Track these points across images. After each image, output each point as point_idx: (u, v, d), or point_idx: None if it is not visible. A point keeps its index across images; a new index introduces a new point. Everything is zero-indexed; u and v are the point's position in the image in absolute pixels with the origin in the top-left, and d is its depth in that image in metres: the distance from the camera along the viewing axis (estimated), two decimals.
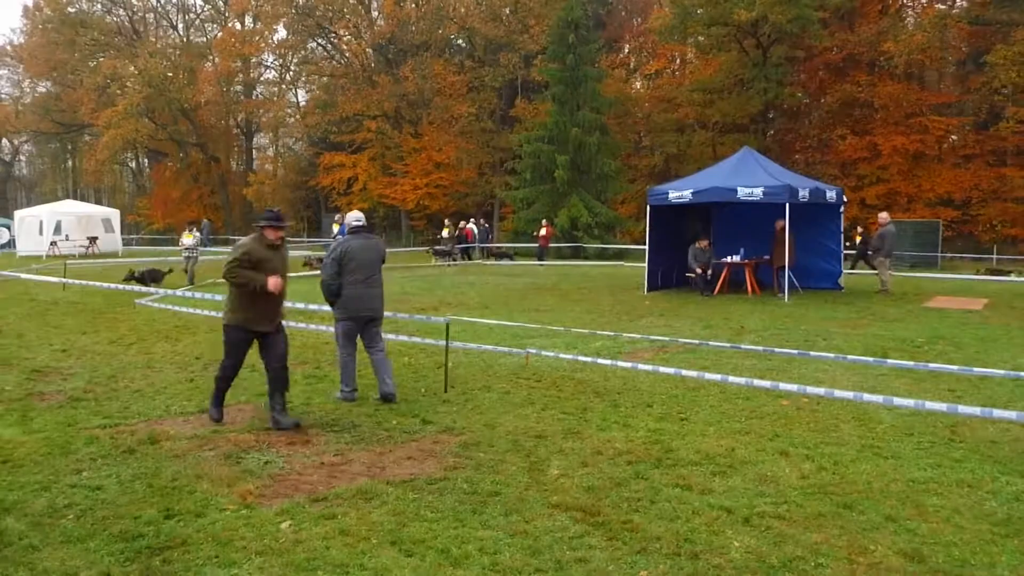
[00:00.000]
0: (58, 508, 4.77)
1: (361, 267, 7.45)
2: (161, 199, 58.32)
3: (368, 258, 7.52)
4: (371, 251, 7.58)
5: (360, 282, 7.45)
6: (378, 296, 7.64)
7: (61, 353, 10.24)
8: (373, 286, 7.56)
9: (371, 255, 7.56)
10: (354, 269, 7.43)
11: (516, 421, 6.79)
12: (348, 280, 7.44)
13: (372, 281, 7.55)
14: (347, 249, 7.46)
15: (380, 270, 7.66)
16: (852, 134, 34.88)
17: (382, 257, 7.73)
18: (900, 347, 10.51)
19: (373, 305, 7.59)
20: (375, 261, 7.59)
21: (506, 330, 11.86)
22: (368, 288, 7.52)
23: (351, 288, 7.44)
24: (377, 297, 7.63)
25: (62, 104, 57.96)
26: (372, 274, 7.54)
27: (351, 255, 7.43)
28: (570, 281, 21.51)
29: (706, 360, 9.57)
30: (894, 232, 17.53)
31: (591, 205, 34.17)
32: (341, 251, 7.46)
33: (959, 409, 6.05)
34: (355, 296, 7.47)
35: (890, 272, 17.71)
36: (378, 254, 7.66)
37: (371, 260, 7.55)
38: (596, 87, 35.66)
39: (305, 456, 5.85)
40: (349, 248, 7.46)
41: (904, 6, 37.78)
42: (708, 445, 6.07)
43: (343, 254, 7.43)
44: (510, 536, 4.38)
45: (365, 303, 7.52)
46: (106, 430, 6.49)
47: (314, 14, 47.49)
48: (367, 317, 7.59)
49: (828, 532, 4.47)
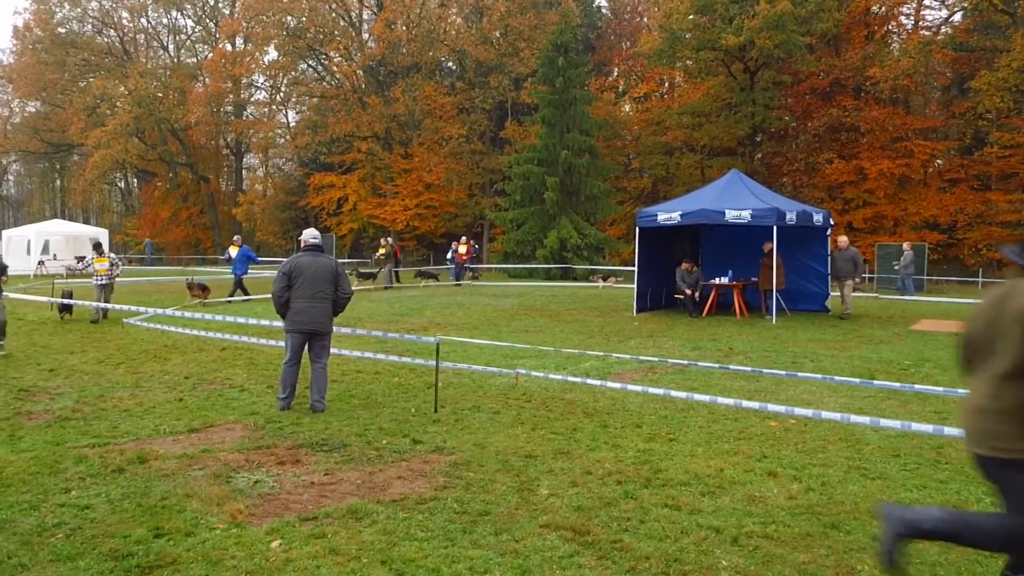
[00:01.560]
0: (47, 527, 4.76)
1: (308, 283, 7.80)
2: (150, 219, 58.22)
3: (315, 274, 7.84)
4: (320, 268, 7.87)
5: (306, 297, 7.82)
6: (323, 311, 7.91)
7: (49, 372, 10.19)
8: (318, 301, 7.86)
9: (319, 272, 7.85)
10: (301, 284, 7.81)
11: (506, 441, 6.81)
12: (295, 295, 7.84)
13: (318, 296, 7.85)
14: (296, 265, 7.88)
15: (329, 287, 7.89)
16: (839, 158, 35.23)
17: (332, 274, 7.93)
18: (887, 369, 10.59)
19: (317, 319, 7.89)
20: (323, 278, 7.86)
21: (496, 350, 11.88)
22: (313, 303, 7.84)
23: (297, 303, 7.82)
24: (322, 312, 7.90)
25: (51, 124, 57.94)
26: (318, 290, 7.84)
27: (299, 271, 7.83)
28: (559, 302, 21.56)
29: (695, 381, 9.62)
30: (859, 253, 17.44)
31: (580, 227, 34.31)
32: (291, 266, 7.88)
33: (945, 431, 6.10)
34: (300, 310, 7.84)
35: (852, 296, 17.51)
36: (327, 271, 7.91)
37: (318, 276, 7.84)
38: (585, 110, 35.92)
39: (295, 475, 5.85)
40: (298, 264, 7.88)
41: (889, 32, 38.31)
42: (697, 465, 6.11)
43: (292, 269, 7.87)
44: (500, 555, 4.40)
45: (309, 317, 7.85)
46: (95, 449, 6.47)
47: (305, 36, 47.73)
48: (310, 331, 7.91)
49: (816, 552, 4.50)
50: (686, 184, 36.72)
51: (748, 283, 18.00)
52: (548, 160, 35.14)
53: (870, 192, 34.07)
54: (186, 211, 57.75)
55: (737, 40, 32.10)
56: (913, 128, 34.81)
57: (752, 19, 31.27)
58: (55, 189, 74.34)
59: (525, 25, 42.52)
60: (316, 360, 8.02)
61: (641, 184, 43.80)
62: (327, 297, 7.90)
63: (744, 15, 31.90)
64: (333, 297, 7.94)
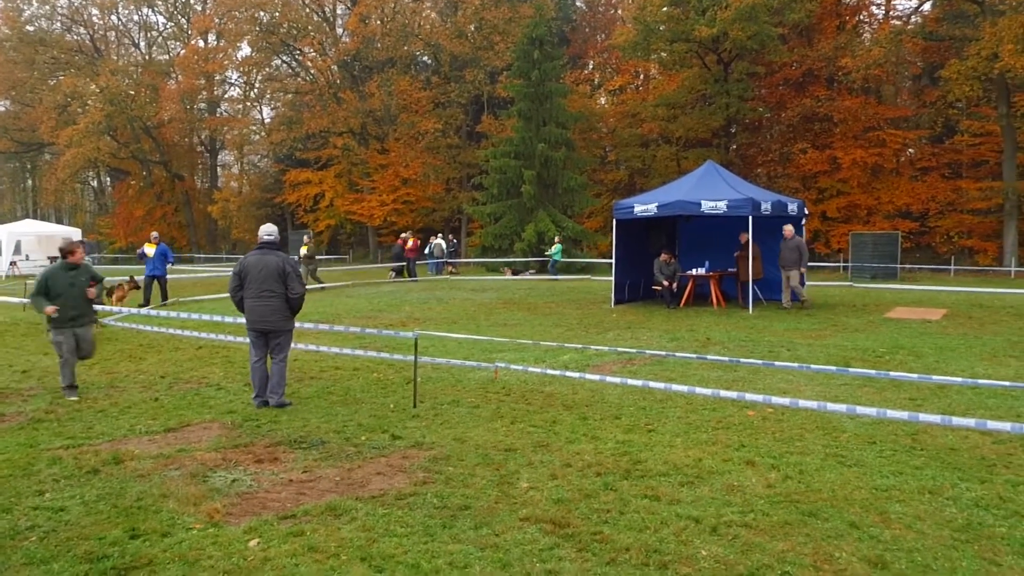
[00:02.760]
0: (20, 530, 4.70)
1: (254, 281, 7.89)
2: (124, 218, 57.50)
3: (261, 273, 7.87)
4: (266, 266, 7.89)
5: (253, 296, 7.92)
6: (272, 309, 7.92)
7: (21, 374, 10.07)
8: (265, 300, 7.89)
9: (265, 271, 7.87)
10: (249, 283, 7.90)
11: (485, 435, 6.80)
12: (246, 294, 7.96)
13: (264, 295, 7.89)
14: (244, 264, 8.01)
15: (277, 285, 7.88)
16: (812, 148, 35.48)
17: (279, 273, 7.89)
18: (862, 357, 10.69)
19: (266, 318, 7.93)
20: (268, 276, 7.87)
21: (474, 344, 11.88)
22: (259, 302, 7.90)
23: (248, 301, 7.96)
24: (272, 310, 7.91)
25: (21, 123, 57.00)
26: (264, 289, 7.87)
27: (247, 270, 7.94)
28: (537, 295, 21.57)
29: (673, 372, 9.66)
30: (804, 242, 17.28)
31: (558, 219, 34.32)
32: (240, 265, 8.03)
33: (920, 417, 6.18)
34: (250, 308, 7.96)
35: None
36: (273, 269, 7.89)
37: (263, 275, 7.86)
38: (561, 103, 35.89)
39: (273, 473, 5.81)
40: (246, 263, 8.00)
41: (861, 22, 38.61)
42: (676, 456, 6.13)
43: (241, 268, 8.02)
44: (480, 550, 4.39)
45: (257, 315, 7.94)
46: (69, 451, 6.39)
47: (278, 31, 47.31)
48: (261, 329, 7.97)
49: (794, 540, 4.53)
50: (662, 176, 36.81)
51: (725, 273, 18.10)
52: (525, 153, 35.10)
53: (844, 181, 34.34)
54: (160, 209, 57.11)
55: (710, 31, 32.21)
56: (885, 117, 35.11)
57: (725, 10, 31.37)
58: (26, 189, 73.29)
59: (499, 18, 42.39)
60: (273, 356, 8.06)
61: (618, 176, 43.87)
62: (275, 295, 7.88)
63: (717, 6, 31.99)
64: (285, 295, 7.92)
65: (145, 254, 19.45)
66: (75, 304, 8.56)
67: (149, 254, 19.34)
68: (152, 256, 19.24)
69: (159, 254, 19.30)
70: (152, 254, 19.27)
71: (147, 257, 19.36)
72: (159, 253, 19.31)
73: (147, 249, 19.47)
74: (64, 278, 8.55)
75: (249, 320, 8.00)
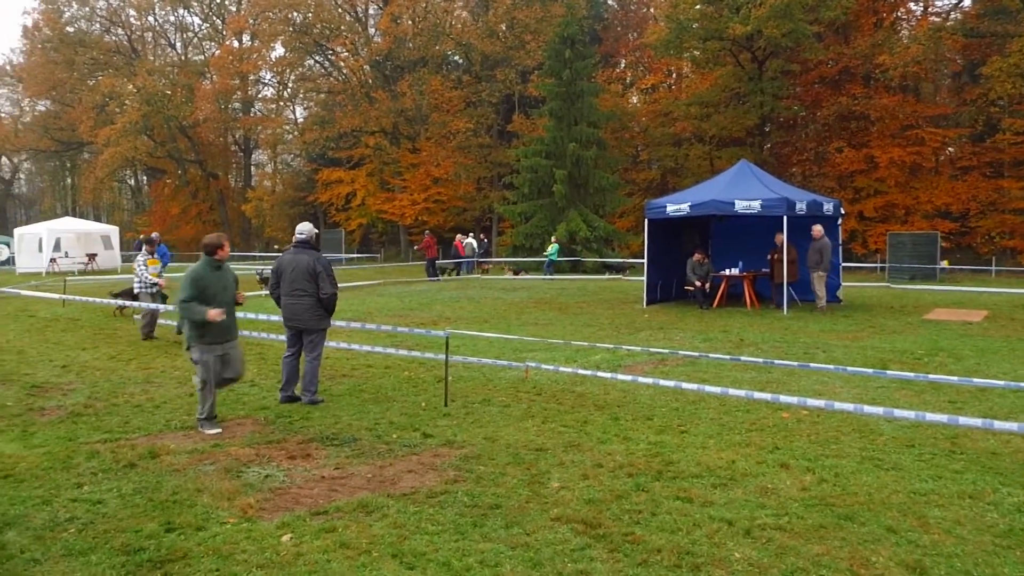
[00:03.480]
0: (60, 522, 4.77)
1: (287, 280, 8.02)
2: (160, 216, 58.41)
3: (294, 272, 7.98)
4: (298, 266, 7.98)
5: (287, 294, 8.04)
6: (303, 308, 8.00)
7: (61, 369, 10.24)
8: (297, 298, 8.00)
9: (297, 270, 7.97)
10: (285, 281, 8.02)
11: (516, 434, 6.79)
12: (281, 291, 8.09)
13: (296, 293, 7.99)
14: (279, 263, 8.18)
15: (308, 284, 7.95)
16: (849, 147, 34.99)
17: (310, 272, 7.95)
18: (900, 359, 10.52)
19: (297, 316, 8.04)
20: (301, 275, 7.96)
21: (505, 344, 11.87)
22: (292, 300, 8.02)
23: (283, 299, 8.07)
24: (303, 309, 8.00)
25: (61, 123, 58.19)
26: (296, 287, 7.97)
27: (281, 268, 8.09)
28: (568, 295, 21.51)
29: (706, 373, 9.57)
30: (829, 245, 16.88)
31: (589, 219, 34.23)
32: (277, 264, 8.17)
33: (960, 420, 6.04)
34: (284, 306, 8.10)
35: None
36: (305, 268, 7.97)
37: (296, 274, 7.97)
38: (593, 102, 35.79)
39: (305, 470, 5.85)
40: (282, 261, 8.15)
41: (898, 19, 37.99)
42: (708, 457, 6.07)
43: (277, 266, 8.17)
44: (511, 549, 4.38)
45: (290, 313, 8.07)
46: (107, 444, 6.48)
47: (311, 32, 47.74)
48: (293, 327, 8.10)
49: (829, 544, 4.46)
50: (695, 175, 36.56)
51: (759, 274, 17.91)
52: (556, 153, 35.04)
53: (881, 181, 33.84)
54: (195, 208, 57.93)
55: (744, 29, 31.89)
56: (924, 116, 34.52)
57: (759, 8, 31.05)
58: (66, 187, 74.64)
59: (531, 18, 42.40)
60: (306, 354, 8.14)
61: (650, 176, 43.66)
62: (307, 294, 7.96)
63: (751, 4, 31.68)
64: (316, 294, 7.98)
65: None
66: (229, 312, 7.17)
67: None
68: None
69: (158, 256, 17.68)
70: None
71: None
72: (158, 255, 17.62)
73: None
74: (215, 279, 7.10)
75: (284, 317, 8.14)
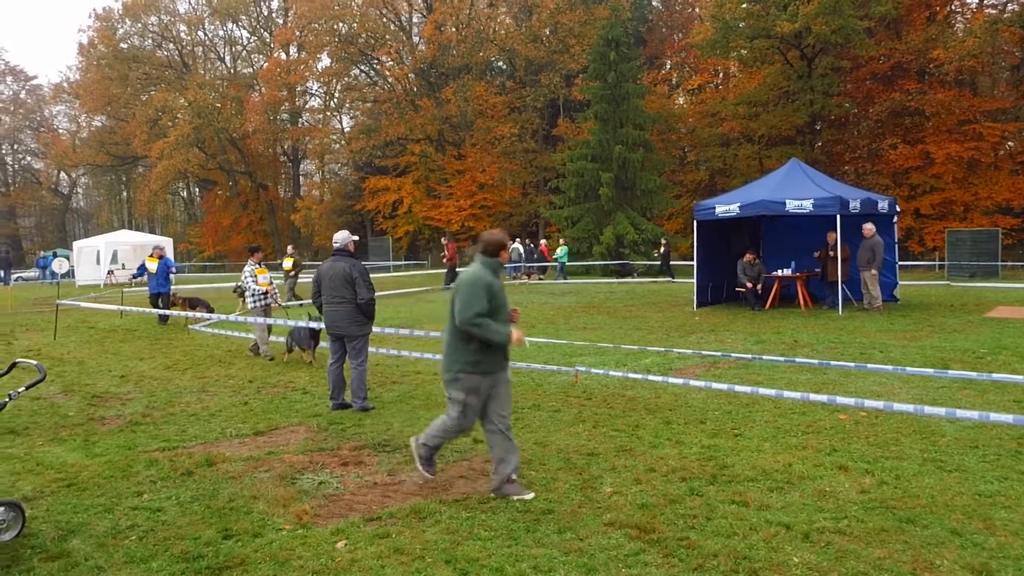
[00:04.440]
0: (121, 529, 4.87)
1: (327, 288, 8.10)
2: (212, 227, 59.62)
3: (332, 280, 8.05)
4: (336, 273, 8.05)
5: (327, 302, 8.12)
6: (342, 315, 8.06)
7: (120, 379, 10.48)
8: (336, 305, 8.07)
9: (335, 277, 8.04)
10: (324, 289, 8.10)
11: (567, 439, 6.75)
12: (323, 299, 8.17)
13: (335, 300, 8.06)
14: (320, 271, 8.26)
15: (347, 291, 8.00)
16: (903, 143, 34.22)
17: (347, 279, 8.00)
18: (961, 358, 10.23)
19: (337, 323, 8.11)
20: (339, 282, 8.02)
21: (554, 348, 11.83)
22: (331, 307, 8.10)
23: (324, 307, 8.16)
24: (342, 316, 8.06)
25: (116, 137, 59.78)
26: (336, 295, 8.03)
27: (321, 276, 8.17)
28: (617, 298, 21.39)
29: (759, 375, 9.42)
30: (882, 243, 16.39)
31: (636, 222, 34.00)
32: (317, 273, 8.25)
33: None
34: (326, 313, 8.20)
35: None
36: (342, 275, 8.02)
37: (334, 282, 8.03)
38: (638, 104, 35.57)
39: (358, 476, 5.89)
40: (321, 270, 8.24)
41: (952, 12, 37.08)
42: (764, 461, 5.96)
43: (318, 275, 8.24)
44: (564, 554, 4.34)
45: (331, 320, 8.15)
46: (165, 453, 6.61)
47: (356, 42, 48.29)
48: (334, 334, 8.17)
49: (891, 547, 4.35)
50: (744, 175, 36.10)
51: (812, 274, 17.58)
52: (602, 156, 34.91)
53: (937, 177, 33.03)
54: (246, 218, 58.97)
55: (792, 27, 31.41)
56: (981, 110, 33.60)
57: (807, 5, 30.57)
58: (122, 200, 76.58)
59: (574, 21, 42.33)
60: (351, 361, 8.19)
61: (698, 177, 43.23)
62: (345, 300, 8.02)
63: (799, 1, 31.20)
64: (355, 300, 8.03)
65: (147, 269, 17.29)
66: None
67: (151, 269, 17.12)
68: (155, 272, 17.04)
69: (162, 269, 17.08)
70: (155, 269, 17.05)
71: (149, 273, 17.20)
72: (162, 268, 17.08)
73: (149, 264, 17.24)
74: (500, 288, 5.52)
75: (325, 325, 8.26)
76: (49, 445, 7.00)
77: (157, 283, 17.04)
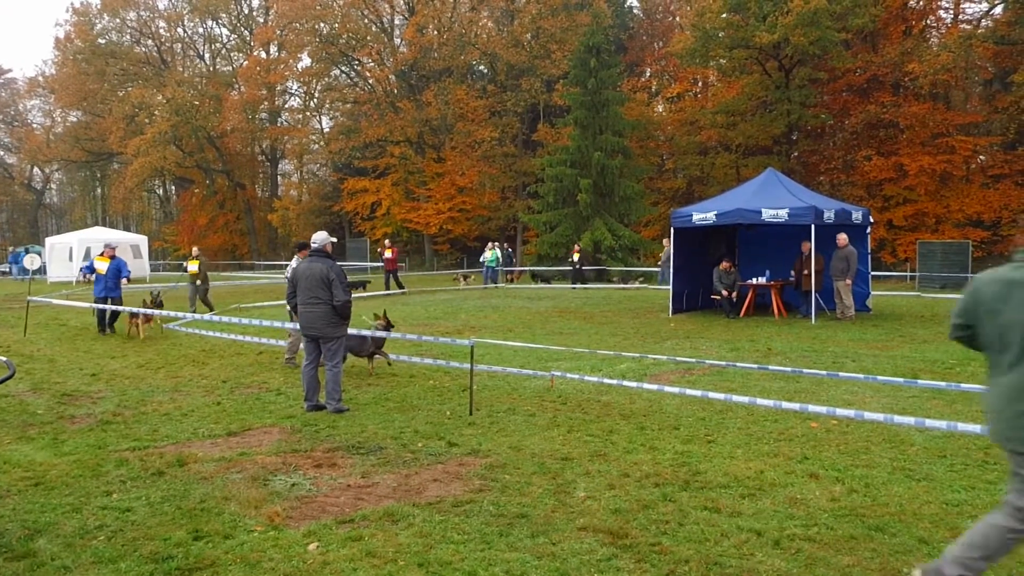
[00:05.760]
0: (89, 529, 4.82)
1: (302, 288, 8.10)
2: (188, 226, 59.09)
3: (307, 280, 8.07)
4: (311, 274, 8.06)
5: (303, 303, 8.13)
6: (318, 316, 8.07)
7: (91, 377, 10.36)
8: (312, 306, 8.08)
9: (311, 278, 8.04)
10: (300, 290, 8.12)
11: (542, 443, 6.76)
12: (298, 300, 8.20)
13: (311, 302, 8.07)
14: (295, 271, 8.34)
15: (322, 292, 8.01)
16: (877, 155, 34.60)
17: (323, 280, 8.00)
18: (931, 368, 10.38)
19: (312, 324, 8.11)
20: (316, 284, 8.03)
21: (530, 352, 11.85)
22: (307, 308, 8.11)
23: (300, 308, 8.17)
24: (317, 317, 8.07)
25: (92, 133, 59.09)
26: (311, 296, 8.04)
27: (297, 277, 8.19)
28: (593, 304, 21.46)
29: (733, 382, 9.50)
30: (856, 253, 16.59)
31: (614, 228, 34.13)
32: (292, 273, 8.29)
33: None
34: (301, 315, 8.19)
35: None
36: (318, 277, 8.02)
37: (310, 283, 8.04)
38: (618, 111, 35.72)
39: (332, 478, 5.86)
40: (296, 270, 8.26)
41: (928, 27, 37.58)
42: (736, 467, 6.01)
43: (293, 275, 8.31)
44: (537, 559, 4.35)
45: (306, 321, 8.15)
46: (135, 452, 6.55)
47: (337, 42, 48.11)
48: (309, 335, 8.19)
49: (860, 555, 4.40)
50: (721, 184, 36.34)
51: (786, 283, 17.75)
52: (581, 162, 35.01)
53: (910, 189, 33.42)
54: (223, 217, 58.54)
55: (771, 38, 31.70)
56: (954, 124, 34.05)
57: (786, 16, 30.86)
58: (96, 197, 75.75)
59: (556, 27, 42.45)
60: (327, 362, 8.16)
61: (675, 184, 43.46)
62: (321, 301, 8.02)
63: (778, 12, 31.48)
64: (331, 302, 8.02)
65: (94, 269, 15.17)
66: None
67: (100, 270, 15.01)
68: (104, 272, 14.98)
69: (113, 271, 15.02)
70: (104, 270, 14.98)
71: (97, 273, 15.07)
72: (112, 270, 15.01)
73: (98, 264, 15.11)
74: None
75: (300, 325, 8.25)
76: (17, 443, 6.91)
77: (105, 286, 14.98)
